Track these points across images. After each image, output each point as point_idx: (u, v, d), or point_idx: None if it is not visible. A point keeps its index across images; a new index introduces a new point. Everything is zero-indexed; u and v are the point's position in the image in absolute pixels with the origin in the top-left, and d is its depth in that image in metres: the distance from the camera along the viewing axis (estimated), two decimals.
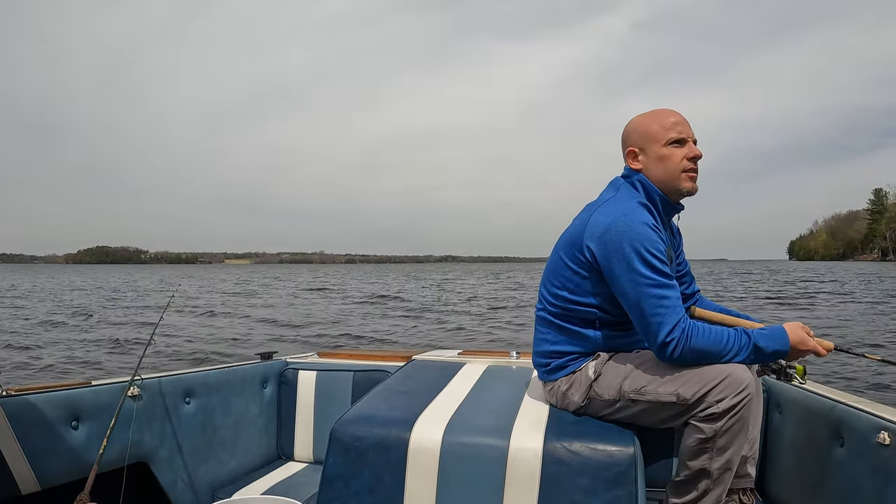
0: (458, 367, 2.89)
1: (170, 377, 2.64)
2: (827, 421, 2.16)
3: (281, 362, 3.23)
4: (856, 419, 2.01)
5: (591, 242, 2.10)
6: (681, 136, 2.19)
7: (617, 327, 2.21)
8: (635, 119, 2.31)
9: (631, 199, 2.15)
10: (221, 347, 11.80)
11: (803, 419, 2.35)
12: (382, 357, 3.27)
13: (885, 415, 1.92)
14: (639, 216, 2.07)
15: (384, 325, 17.10)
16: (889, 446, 1.82)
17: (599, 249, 2.08)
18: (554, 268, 2.26)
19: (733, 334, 2.00)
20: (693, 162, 2.20)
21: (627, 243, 2.01)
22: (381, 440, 2.04)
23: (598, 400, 2.16)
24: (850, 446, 2.02)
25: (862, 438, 1.95)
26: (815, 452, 2.22)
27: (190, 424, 2.67)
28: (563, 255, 2.22)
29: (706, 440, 1.95)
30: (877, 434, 1.86)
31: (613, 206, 2.13)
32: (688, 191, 2.22)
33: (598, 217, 2.12)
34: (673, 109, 2.26)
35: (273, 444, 3.14)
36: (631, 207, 2.10)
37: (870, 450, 1.90)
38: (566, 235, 2.26)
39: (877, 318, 17.37)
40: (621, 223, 2.04)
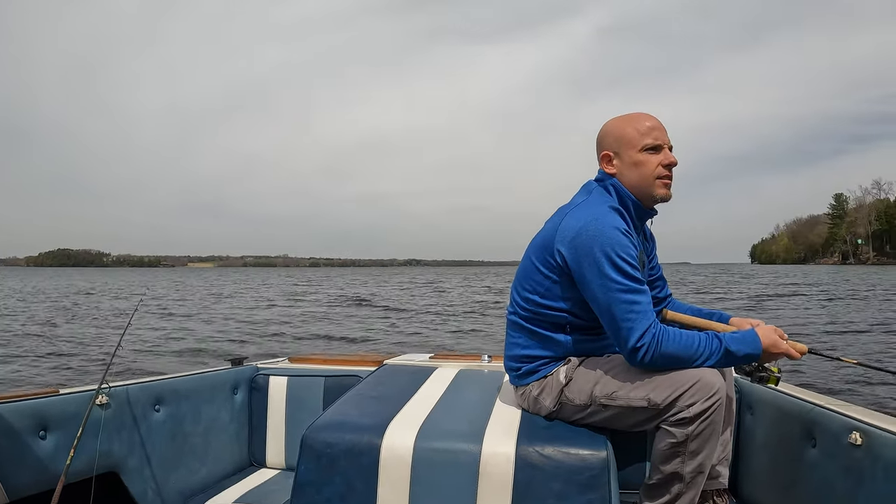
0: (430, 372, 2.87)
1: (139, 385, 2.59)
2: (799, 422, 2.17)
3: (251, 368, 3.19)
4: (828, 420, 2.02)
5: (561, 246, 2.09)
6: (657, 142, 2.18)
7: (588, 332, 2.20)
8: (611, 122, 2.29)
9: (603, 204, 2.14)
10: (192, 352, 11.63)
11: (775, 420, 2.35)
12: (354, 362, 3.24)
13: (856, 415, 1.93)
14: (610, 221, 2.06)
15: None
16: (860, 447, 1.83)
17: (570, 254, 2.06)
18: (525, 272, 2.25)
19: (704, 339, 1.99)
20: (668, 169, 2.19)
21: (598, 248, 2.00)
22: (353, 446, 2.02)
23: (569, 405, 2.15)
24: (823, 447, 2.02)
25: (834, 439, 1.96)
26: (787, 453, 2.23)
27: (160, 432, 2.62)
28: (534, 259, 2.21)
29: (678, 444, 1.95)
30: (848, 434, 1.87)
31: (585, 210, 2.12)
32: (661, 198, 2.22)
33: (569, 221, 2.11)
34: (649, 114, 2.24)
35: (245, 450, 3.09)
36: (603, 212, 2.09)
37: (842, 450, 1.90)
38: (537, 239, 2.24)
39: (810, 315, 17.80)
40: (592, 227, 2.03)
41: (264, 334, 14.96)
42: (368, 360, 3.27)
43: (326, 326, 17.60)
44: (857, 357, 3.07)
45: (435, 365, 3.05)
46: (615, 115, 2.31)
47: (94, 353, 11.66)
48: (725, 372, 2.20)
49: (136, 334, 13.85)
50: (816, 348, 2.18)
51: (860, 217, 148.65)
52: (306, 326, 17.04)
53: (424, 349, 10.96)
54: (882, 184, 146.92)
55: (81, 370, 9.99)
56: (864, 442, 1.82)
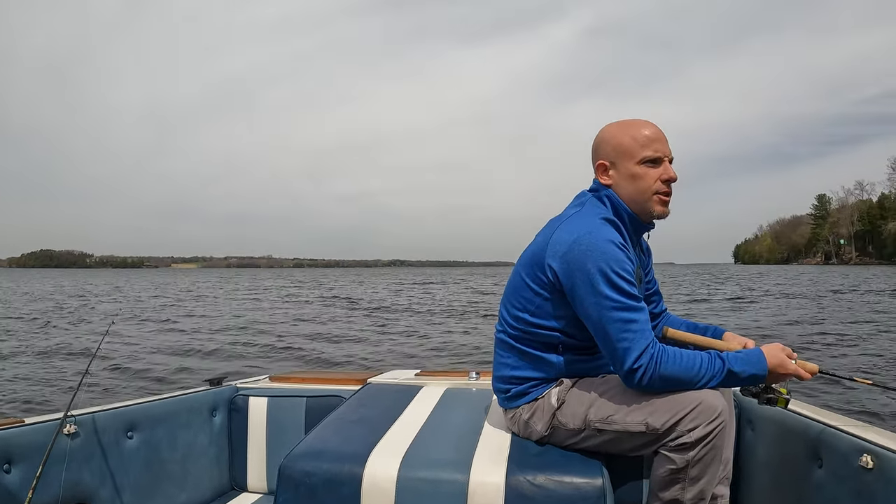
0: (416, 391, 2.77)
1: (109, 411, 2.44)
2: (803, 440, 2.06)
3: (231, 388, 3.05)
4: (835, 440, 1.90)
5: (553, 261, 1.98)
6: (656, 154, 2.06)
7: (581, 352, 2.09)
8: (608, 129, 2.16)
9: (597, 216, 2.02)
10: (170, 371, 11.32)
11: (778, 437, 2.25)
12: (336, 380, 3.11)
13: (866, 436, 1.81)
14: (605, 234, 1.94)
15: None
16: (872, 470, 1.71)
17: (562, 269, 1.95)
18: (514, 288, 2.13)
19: (706, 359, 1.89)
20: (667, 185, 2.08)
21: (592, 263, 1.89)
22: (333, 476, 1.93)
23: (562, 429, 2.05)
24: (830, 468, 1.91)
25: (843, 461, 1.84)
26: (791, 473, 2.12)
27: (133, 460, 2.47)
28: (523, 275, 2.09)
29: (678, 470, 1.85)
30: (859, 457, 1.75)
31: (578, 223, 2.01)
32: (658, 215, 2.11)
33: (560, 234, 2.00)
34: (651, 122, 2.11)
35: (225, 475, 2.95)
36: (597, 224, 1.98)
37: (852, 473, 1.78)
38: (527, 253, 2.13)
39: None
40: (585, 241, 1.92)
41: (249, 345, 14.69)
42: (352, 378, 3.14)
43: (317, 328, 17.38)
44: (872, 378, 2.88)
45: (421, 383, 2.93)
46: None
47: (70, 373, 11.33)
48: (726, 393, 2.12)
49: (111, 348, 13.51)
50: (828, 368, 2.08)
51: (843, 218, 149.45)
52: (292, 337, 16.77)
53: (411, 365, 10.81)
54: (864, 185, 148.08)
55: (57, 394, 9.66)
56: (876, 465, 1.70)
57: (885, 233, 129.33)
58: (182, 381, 9.59)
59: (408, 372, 3.30)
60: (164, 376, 10.24)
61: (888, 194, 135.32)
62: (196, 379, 9.60)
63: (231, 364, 11.62)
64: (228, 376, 3.22)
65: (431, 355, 12.45)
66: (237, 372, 10.03)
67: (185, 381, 9.63)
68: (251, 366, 11.21)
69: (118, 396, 7.93)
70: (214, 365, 11.49)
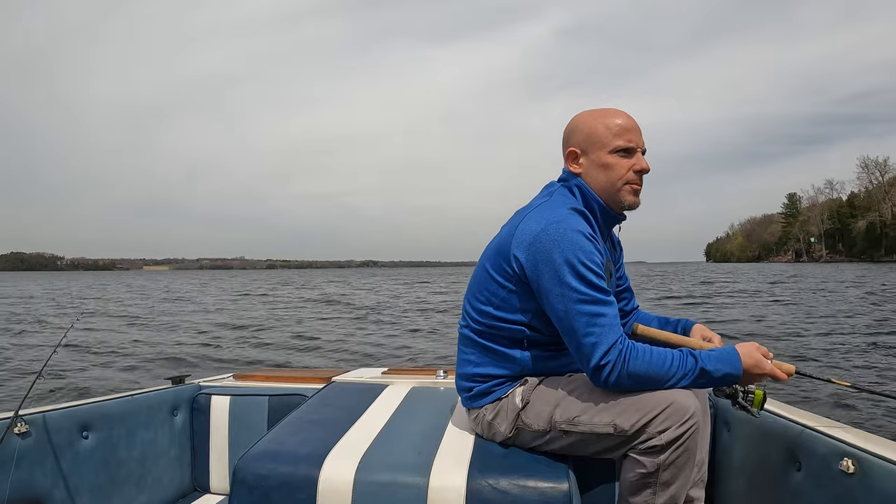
0: (380, 390, 2.70)
1: (62, 410, 2.34)
2: (781, 443, 2.00)
3: (193, 387, 2.97)
4: (815, 442, 1.85)
5: (518, 252, 1.90)
6: (629, 144, 2.00)
7: (548, 348, 2.00)
8: (581, 116, 2.09)
9: (565, 205, 1.95)
10: (131, 369, 11.17)
11: (755, 439, 2.19)
12: (301, 379, 3.05)
13: (848, 439, 1.75)
14: (573, 224, 1.86)
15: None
16: (853, 475, 1.65)
17: (528, 260, 1.87)
18: (479, 280, 2.05)
19: (678, 357, 1.81)
20: (639, 176, 2.02)
21: (559, 253, 1.81)
22: (288, 479, 1.86)
23: (526, 430, 1.96)
24: (809, 472, 1.85)
25: (823, 464, 1.78)
26: (768, 476, 2.06)
27: (89, 461, 2.38)
28: (488, 267, 2.01)
29: (648, 475, 1.77)
30: (839, 461, 1.69)
31: (545, 212, 1.92)
32: (629, 205, 2.05)
33: (527, 224, 1.92)
34: (625, 112, 2.05)
35: (187, 476, 2.88)
36: (564, 214, 1.90)
37: (832, 478, 1.72)
38: (493, 244, 2.05)
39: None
40: (553, 231, 1.84)
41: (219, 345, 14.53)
42: (316, 376, 3.06)
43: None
44: (849, 379, 2.86)
45: (386, 382, 2.86)
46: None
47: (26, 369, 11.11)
48: (699, 393, 2.03)
49: (71, 347, 13.29)
50: (804, 369, 2.01)
51: (813, 216, 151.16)
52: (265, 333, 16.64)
53: (379, 363, 10.72)
54: (834, 184, 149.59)
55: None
56: (858, 470, 1.64)
57: (855, 231, 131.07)
58: (145, 380, 9.46)
59: (374, 370, 3.24)
60: (127, 375, 10.12)
61: (858, 193, 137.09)
62: (160, 377, 9.36)
63: (200, 362, 11.50)
64: (191, 374, 3.13)
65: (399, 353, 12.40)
66: (203, 369, 9.94)
67: (147, 379, 9.51)
68: (222, 363, 11.14)
69: (74, 396, 7.74)
70: (179, 364, 11.36)
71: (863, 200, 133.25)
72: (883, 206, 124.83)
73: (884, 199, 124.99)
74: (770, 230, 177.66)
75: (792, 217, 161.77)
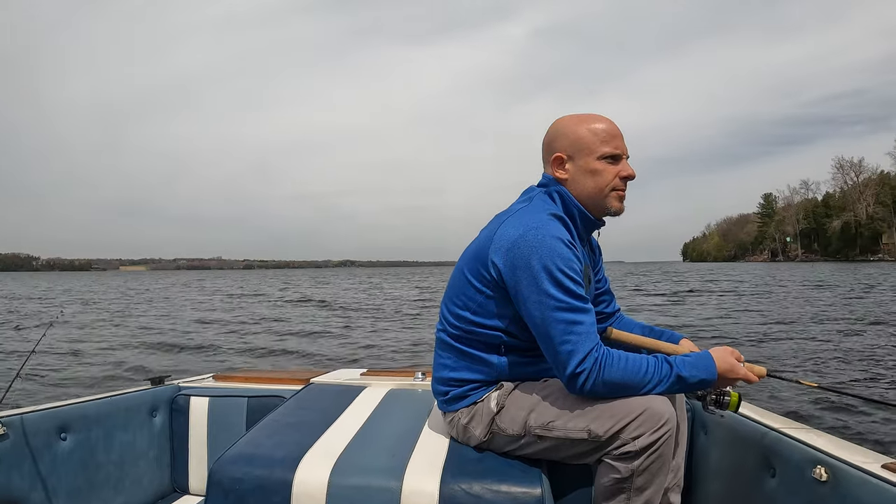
0: (358, 392, 2.70)
1: (40, 412, 2.34)
2: (756, 448, 2.01)
3: (173, 388, 2.96)
4: (788, 449, 1.86)
5: (496, 257, 1.90)
6: (616, 150, 2.02)
7: (524, 353, 2.01)
8: (565, 121, 2.09)
9: (544, 211, 1.95)
10: (111, 367, 11.11)
11: (731, 444, 2.20)
12: (280, 380, 3.04)
13: (820, 446, 1.77)
14: (552, 230, 1.87)
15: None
16: (826, 483, 1.66)
17: (506, 265, 1.87)
18: (456, 285, 2.05)
19: (653, 363, 1.82)
20: (624, 182, 2.04)
21: (537, 260, 1.81)
22: (262, 483, 1.87)
23: (501, 435, 1.96)
24: (783, 479, 1.86)
25: (796, 471, 1.79)
26: (744, 481, 2.07)
27: (67, 463, 2.38)
28: (466, 272, 2.01)
29: (622, 480, 1.78)
30: (812, 468, 1.71)
31: (524, 218, 1.93)
32: (615, 211, 2.06)
33: (505, 229, 1.92)
34: (607, 117, 2.07)
35: (166, 477, 2.87)
36: (543, 220, 1.90)
37: (805, 485, 1.74)
38: (471, 249, 2.05)
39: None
40: (531, 237, 1.84)
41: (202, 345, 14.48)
42: (295, 377, 3.07)
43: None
44: (817, 380, 2.96)
45: (364, 383, 2.86)
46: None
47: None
48: (675, 398, 2.06)
49: (48, 348, 13.14)
50: (774, 371, 2.04)
51: (788, 216, 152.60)
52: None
53: (359, 364, 10.71)
54: (810, 184, 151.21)
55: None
56: (830, 478, 1.66)
57: (830, 230, 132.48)
58: (126, 381, 9.36)
59: (353, 371, 3.24)
60: (107, 375, 10.06)
61: (833, 193, 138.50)
62: (140, 378, 9.25)
63: (183, 361, 11.50)
64: (171, 375, 3.15)
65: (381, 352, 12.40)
66: (183, 370, 9.93)
67: (128, 380, 9.47)
68: (205, 363, 11.14)
69: (52, 397, 7.78)
70: (160, 363, 11.34)
71: (838, 200, 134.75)
72: (858, 206, 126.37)
73: (858, 200, 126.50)
74: (746, 230, 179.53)
75: (768, 217, 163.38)
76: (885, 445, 5.14)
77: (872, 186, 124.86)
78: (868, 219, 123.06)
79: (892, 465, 1.60)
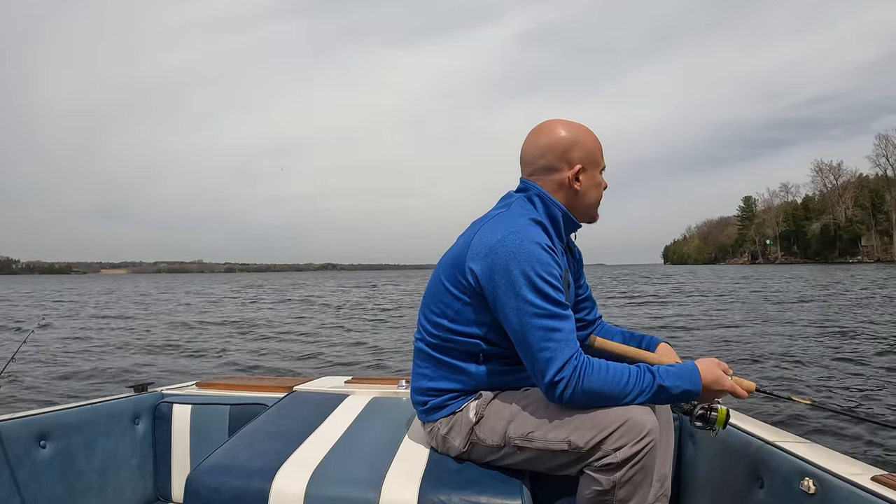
0: (340, 400, 2.67)
1: (17, 420, 2.30)
2: (745, 459, 2.00)
3: (155, 395, 2.93)
4: (776, 460, 1.84)
5: (473, 263, 1.86)
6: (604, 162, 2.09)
7: (504, 362, 1.97)
8: (577, 130, 2.05)
9: (523, 216, 1.91)
10: (101, 376, 11.00)
11: (719, 454, 2.18)
12: (262, 388, 3.02)
13: (808, 457, 1.74)
14: (531, 235, 1.83)
15: None
16: (814, 496, 1.64)
17: (483, 271, 1.83)
18: (433, 293, 2.02)
19: (635, 372, 1.78)
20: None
21: (515, 265, 1.78)
22: (239, 493, 1.85)
23: (480, 445, 1.93)
24: (771, 490, 1.84)
25: (784, 483, 1.77)
26: (732, 492, 2.06)
27: (47, 471, 2.34)
28: (443, 278, 1.98)
29: (604, 492, 1.74)
30: (800, 480, 1.68)
31: (502, 223, 1.89)
32: (596, 220, 2.12)
33: (483, 235, 1.89)
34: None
35: (149, 485, 2.84)
36: (522, 225, 1.86)
37: (793, 497, 1.71)
38: (448, 256, 2.01)
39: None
40: (509, 242, 1.80)
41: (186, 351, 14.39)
42: (279, 385, 3.06)
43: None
44: (809, 397, 2.92)
45: (347, 392, 2.84)
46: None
47: None
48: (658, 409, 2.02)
49: (29, 354, 13.02)
50: (765, 386, 2.00)
51: (768, 218, 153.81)
52: None
53: (345, 371, 10.64)
54: (790, 186, 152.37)
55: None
56: (818, 491, 1.63)
57: (809, 233, 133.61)
58: (108, 389, 9.18)
59: (337, 379, 3.20)
60: (90, 383, 9.94)
61: (812, 196, 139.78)
62: (122, 385, 9.34)
63: (166, 367, 11.44)
64: (154, 382, 3.11)
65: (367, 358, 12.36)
66: (165, 378, 9.88)
67: (110, 388, 9.37)
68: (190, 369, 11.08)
69: (31, 405, 7.73)
70: (144, 370, 11.22)
71: (817, 203, 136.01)
72: (837, 208, 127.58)
73: (837, 202, 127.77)
74: (726, 232, 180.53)
75: (748, 220, 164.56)
76: (875, 457, 5.07)
77: (851, 189, 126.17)
78: (847, 221, 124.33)
79: (881, 477, 1.58)
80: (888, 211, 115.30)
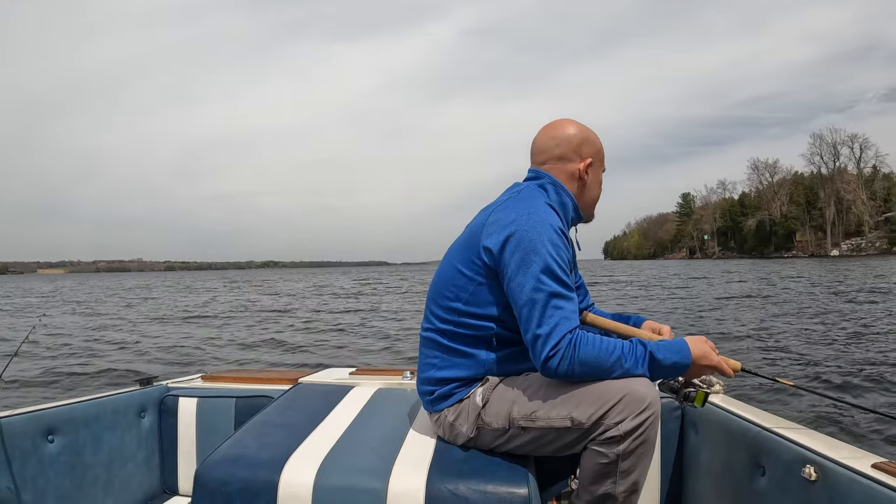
0: (346, 392, 2.70)
1: (25, 414, 2.32)
2: (746, 446, 2.04)
3: (161, 388, 2.95)
4: (778, 447, 1.88)
5: (488, 241, 1.92)
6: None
7: (516, 346, 2.01)
8: (587, 130, 2.19)
9: (538, 198, 1.99)
10: (98, 371, 10.50)
11: (720, 442, 2.24)
12: (268, 380, 3.03)
13: (810, 444, 1.78)
14: (545, 216, 1.90)
15: None
16: (815, 483, 1.67)
17: (497, 249, 1.90)
18: (445, 279, 2.05)
19: (627, 345, 1.83)
20: None
21: (528, 244, 1.85)
22: (248, 485, 1.85)
23: (487, 430, 1.97)
24: (773, 477, 1.88)
25: (786, 470, 1.81)
26: (734, 480, 2.11)
27: (55, 465, 2.35)
28: (456, 262, 2.03)
29: (608, 464, 1.80)
30: (801, 467, 1.72)
31: (518, 204, 1.97)
32: (592, 219, 2.26)
33: (498, 215, 1.96)
34: None
35: (156, 478, 2.86)
36: (537, 206, 1.94)
37: (795, 485, 1.75)
38: (459, 241, 2.08)
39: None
40: (525, 221, 1.88)
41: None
42: (284, 377, 3.07)
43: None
44: (793, 379, 2.80)
45: (353, 383, 2.86)
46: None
47: None
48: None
49: (33, 351, 12.59)
50: (750, 367, 2.06)
51: (706, 215, 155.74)
52: None
53: (348, 362, 10.47)
54: (727, 184, 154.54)
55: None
56: (820, 478, 1.67)
57: (746, 228, 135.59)
58: (113, 383, 9.16)
59: (342, 371, 3.21)
60: (95, 377, 9.98)
61: (748, 193, 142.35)
62: (128, 379, 9.01)
63: (172, 361, 11.44)
64: (159, 376, 3.14)
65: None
66: (171, 371, 10.08)
67: (117, 382, 9.28)
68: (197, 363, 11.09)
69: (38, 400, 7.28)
70: (147, 366, 11.07)
71: (753, 200, 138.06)
72: (772, 205, 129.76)
73: (773, 199, 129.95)
74: (665, 228, 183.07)
75: (686, 216, 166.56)
76: (875, 444, 5.17)
77: (786, 186, 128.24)
78: (782, 217, 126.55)
79: (881, 464, 1.60)
80: (822, 207, 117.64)
